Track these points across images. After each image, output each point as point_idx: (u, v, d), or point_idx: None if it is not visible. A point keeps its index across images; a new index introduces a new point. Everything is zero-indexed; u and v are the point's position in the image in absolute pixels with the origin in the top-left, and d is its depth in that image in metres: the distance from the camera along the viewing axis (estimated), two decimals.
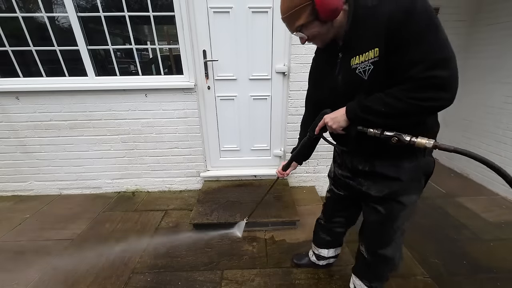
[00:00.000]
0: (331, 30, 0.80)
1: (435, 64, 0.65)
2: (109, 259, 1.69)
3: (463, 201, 2.36)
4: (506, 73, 2.43)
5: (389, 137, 0.76)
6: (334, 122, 0.87)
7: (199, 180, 2.57)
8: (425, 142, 0.71)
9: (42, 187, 2.52)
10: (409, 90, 0.69)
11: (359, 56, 0.76)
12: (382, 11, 0.70)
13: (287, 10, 0.78)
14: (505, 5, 2.43)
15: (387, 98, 0.73)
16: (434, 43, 0.66)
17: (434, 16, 0.67)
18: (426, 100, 0.68)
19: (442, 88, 0.67)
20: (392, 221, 0.98)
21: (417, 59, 0.67)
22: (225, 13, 2.00)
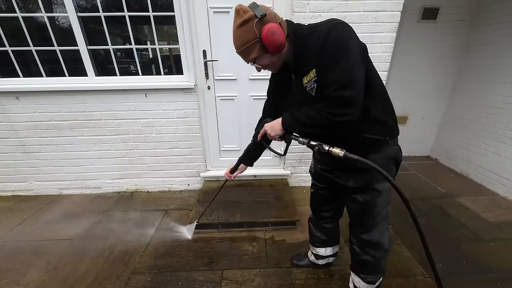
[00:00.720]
0: (281, 58, 0.94)
1: (343, 86, 0.78)
2: (109, 259, 1.69)
3: (463, 201, 2.36)
4: (506, 72, 2.43)
5: (313, 145, 0.89)
6: (272, 130, 1.00)
7: (199, 180, 2.57)
8: (338, 151, 0.83)
9: (42, 187, 2.52)
10: (326, 106, 0.83)
11: (306, 76, 0.89)
12: (315, 36, 0.83)
13: (240, 46, 0.90)
14: (505, 5, 2.43)
15: (311, 112, 0.87)
16: (343, 67, 0.78)
17: (347, 42, 0.78)
18: (337, 115, 0.82)
19: (348, 105, 0.80)
20: (371, 208, 1.07)
21: (331, 80, 0.80)
22: (225, 13, 2.00)
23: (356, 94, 0.79)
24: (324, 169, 1.18)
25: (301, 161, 2.49)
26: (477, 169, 2.75)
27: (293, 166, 2.51)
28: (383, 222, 1.11)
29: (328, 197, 1.30)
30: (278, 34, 0.83)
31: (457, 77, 3.01)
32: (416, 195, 2.46)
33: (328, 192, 1.28)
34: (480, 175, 2.70)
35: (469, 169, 2.85)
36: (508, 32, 2.41)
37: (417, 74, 3.02)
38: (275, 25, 0.83)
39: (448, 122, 3.15)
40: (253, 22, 0.83)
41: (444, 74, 3.02)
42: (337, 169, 1.11)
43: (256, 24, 0.83)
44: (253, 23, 0.83)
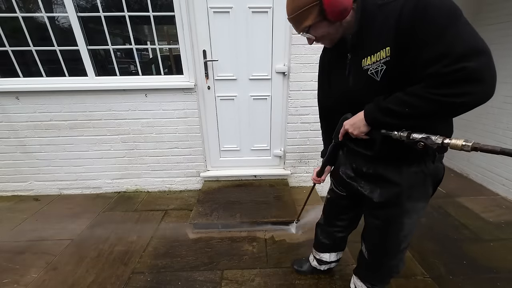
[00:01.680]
0: (340, 29, 0.77)
1: (463, 55, 0.57)
2: (109, 259, 1.69)
3: (463, 201, 2.36)
4: (506, 72, 2.43)
5: (417, 141, 0.68)
6: (354, 128, 0.81)
7: (199, 180, 2.57)
8: (462, 143, 0.61)
9: (42, 187, 2.52)
10: (434, 87, 0.62)
11: (371, 56, 0.72)
12: (393, 7, 0.66)
13: (294, 11, 0.75)
14: (505, 5, 2.43)
15: (409, 98, 0.66)
16: (456, 34, 0.58)
17: (454, 6, 0.60)
18: (454, 95, 0.60)
19: (473, 81, 0.58)
20: (396, 229, 0.92)
21: (439, 54, 0.59)
22: (225, 13, 2.00)
23: (486, 63, 0.57)
24: (348, 175, 1.03)
25: (301, 161, 2.49)
26: (477, 169, 2.75)
27: (293, 166, 2.51)
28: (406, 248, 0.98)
29: (347, 206, 1.15)
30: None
31: None
32: None
33: (349, 201, 1.13)
34: (480, 175, 2.70)
35: (469, 169, 2.85)
36: (508, 32, 2.41)
37: None
38: None
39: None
40: None
41: None
42: (362, 177, 0.96)
43: None
44: None
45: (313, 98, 2.21)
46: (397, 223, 0.91)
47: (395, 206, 0.89)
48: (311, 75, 2.12)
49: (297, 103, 2.23)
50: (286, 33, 2.05)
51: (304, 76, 2.14)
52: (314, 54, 2.04)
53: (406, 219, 0.90)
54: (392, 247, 0.97)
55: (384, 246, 0.99)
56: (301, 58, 2.07)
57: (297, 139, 2.37)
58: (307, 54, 2.05)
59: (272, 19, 2.02)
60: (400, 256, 1.01)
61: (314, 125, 2.30)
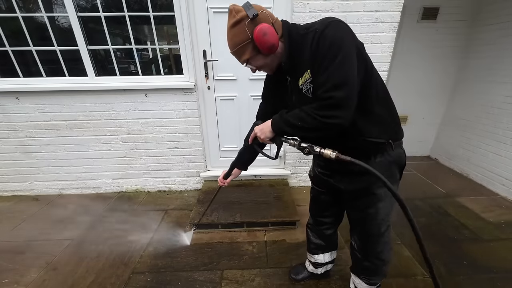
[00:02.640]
0: (275, 59, 0.91)
1: (334, 86, 0.74)
2: (109, 259, 1.69)
3: (463, 201, 2.36)
4: (506, 72, 2.43)
5: (303, 148, 0.88)
6: (262, 133, 0.96)
7: (199, 180, 2.57)
8: (330, 153, 0.81)
9: (42, 187, 2.52)
10: (315, 108, 0.79)
11: (301, 78, 0.86)
12: (307, 38, 0.81)
13: (233, 47, 0.88)
14: (505, 5, 2.43)
15: (301, 114, 0.83)
16: (335, 67, 0.74)
17: (342, 41, 0.75)
18: (327, 117, 0.78)
19: (339, 107, 0.76)
20: (374, 214, 1.02)
21: (322, 81, 0.77)
22: (225, 13, 2.00)
23: (347, 95, 0.75)
24: (324, 173, 1.13)
25: (301, 161, 2.49)
26: (477, 169, 2.75)
27: (293, 166, 2.51)
28: (387, 232, 1.07)
29: (329, 202, 1.25)
30: (269, 35, 0.81)
31: (457, 77, 3.01)
32: (416, 195, 2.46)
33: (329, 197, 1.23)
34: (480, 175, 2.70)
35: (469, 169, 2.85)
36: (508, 32, 2.41)
37: (417, 74, 3.02)
38: (267, 25, 0.81)
39: (448, 122, 3.15)
40: (245, 23, 0.81)
41: (444, 74, 3.02)
42: (337, 173, 1.07)
43: (248, 25, 0.81)
44: (245, 23, 0.81)
45: None
46: (373, 208, 1.01)
47: (369, 194, 1.00)
48: None
49: None
50: None
51: None
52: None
53: (380, 204, 1.00)
54: (373, 231, 1.06)
55: (366, 232, 1.08)
56: None
57: None
58: None
59: None
60: (384, 240, 1.08)
61: None
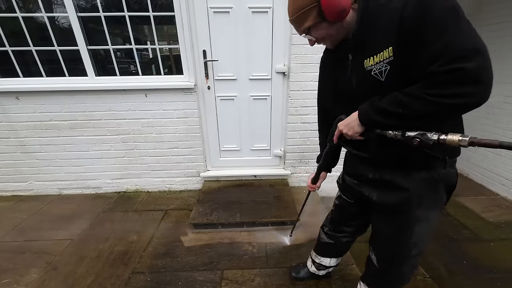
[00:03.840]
0: (340, 30, 0.76)
1: (459, 56, 0.56)
2: (109, 259, 1.69)
3: (463, 201, 2.36)
4: (506, 72, 2.43)
5: (412, 138, 0.67)
6: (348, 129, 0.81)
7: (199, 180, 2.57)
8: (458, 138, 0.58)
9: (42, 187, 2.52)
10: (430, 87, 0.61)
11: (373, 57, 0.71)
12: (394, 6, 0.65)
13: (294, 13, 0.76)
14: (505, 5, 2.43)
15: (404, 98, 0.65)
16: (456, 33, 0.57)
17: (456, 5, 0.59)
18: (450, 96, 0.59)
19: (469, 82, 0.57)
20: (406, 237, 0.89)
21: (437, 52, 0.59)
22: (225, 13, 2.00)
23: (482, 64, 0.56)
24: (355, 182, 1.01)
25: (301, 161, 2.49)
26: (477, 169, 2.75)
27: (293, 166, 2.51)
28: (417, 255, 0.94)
29: (355, 212, 1.12)
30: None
31: None
32: None
33: (356, 208, 1.10)
34: (480, 175, 2.70)
35: (469, 169, 2.85)
36: (508, 32, 2.41)
37: None
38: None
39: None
40: None
41: None
42: (370, 184, 0.94)
43: None
44: None
45: (313, 98, 2.18)
46: (407, 231, 0.88)
47: (405, 213, 0.86)
48: (311, 75, 2.12)
49: (297, 103, 2.23)
50: (286, 33, 2.05)
51: (304, 76, 2.14)
52: (314, 54, 2.04)
53: (416, 227, 0.86)
54: (402, 254, 0.94)
55: (393, 253, 0.96)
56: (301, 58, 2.07)
57: (297, 139, 2.37)
58: (307, 54, 2.05)
59: (272, 19, 2.02)
60: (411, 263, 0.96)
61: (314, 125, 2.30)
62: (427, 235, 0.90)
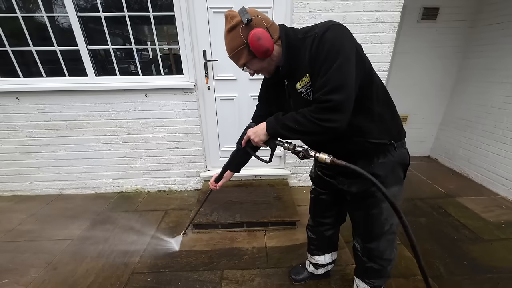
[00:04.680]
0: (271, 63, 0.91)
1: (332, 89, 0.74)
2: (109, 259, 1.69)
3: (463, 201, 2.36)
4: (506, 73, 2.43)
5: (298, 151, 0.88)
6: (255, 136, 0.95)
7: (199, 180, 2.57)
8: (325, 157, 0.81)
9: (42, 187, 2.52)
10: (313, 111, 0.79)
11: (300, 82, 0.86)
12: (306, 42, 0.82)
13: (230, 52, 0.90)
14: (505, 5, 2.43)
15: (297, 117, 0.82)
16: (333, 70, 0.74)
17: (341, 46, 0.75)
18: (324, 120, 0.77)
19: (336, 111, 0.75)
20: (378, 214, 1.02)
21: (320, 84, 0.76)
22: None
23: (344, 99, 0.74)
24: (327, 173, 1.13)
25: (301, 161, 2.49)
26: (477, 169, 2.75)
27: (293, 166, 2.51)
28: (390, 231, 1.06)
29: (330, 202, 1.24)
30: (263, 39, 0.81)
31: (457, 77, 3.01)
32: (416, 195, 2.46)
33: (330, 197, 1.22)
34: (480, 175, 2.70)
35: (469, 169, 2.85)
36: (508, 32, 2.41)
37: (417, 74, 3.01)
38: (261, 30, 0.81)
39: (448, 122, 3.15)
40: (240, 28, 0.82)
41: (444, 74, 3.02)
42: (340, 174, 1.06)
43: (243, 30, 0.82)
44: (239, 29, 0.83)
45: None
46: (377, 208, 1.01)
47: (373, 194, 0.99)
48: None
49: None
50: None
51: None
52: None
53: (384, 204, 0.99)
54: (376, 230, 1.06)
55: (369, 232, 1.08)
56: None
57: None
58: None
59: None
60: (387, 238, 1.07)
61: None
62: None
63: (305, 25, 1.97)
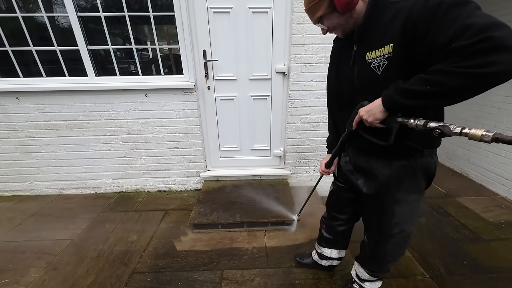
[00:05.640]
0: (350, 20, 0.83)
1: (485, 28, 0.55)
2: (109, 259, 1.69)
3: (463, 201, 2.36)
4: None
5: (433, 128, 0.67)
6: (369, 115, 0.80)
7: (199, 180, 2.57)
8: (482, 133, 0.58)
9: (42, 187, 2.52)
10: (458, 61, 0.59)
11: (375, 51, 0.77)
12: (402, 6, 0.70)
13: (308, 3, 0.84)
14: (505, 4, 2.43)
15: (431, 76, 0.64)
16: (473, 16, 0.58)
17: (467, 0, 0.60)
18: (481, 66, 0.56)
19: (499, 49, 0.55)
20: (388, 217, 1.00)
21: (459, 30, 0.58)
22: (225, 13, 2.00)
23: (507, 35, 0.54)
24: (348, 168, 1.09)
25: (301, 161, 2.49)
26: (477, 169, 2.74)
27: (293, 166, 2.51)
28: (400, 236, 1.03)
29: (348, 199, 1.20)
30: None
31: None
32: None
33: (349, 194, 1.18)
34: (480, 175, 2.70)
35: (469, 169, 2.85)
36: None
37: None
38: None
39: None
40: None
41: None
42: (360, 171, 1.02)
43: None
44: None
45: (313, 98, 2.21)
46: (388, 211, 0.98)
47: (386, 196, 0.96)
48: (311, 75, 2.12)
49: (297, 103, 2.23)
50: (286, 33, 2.05)
51: (304, 76, 2.14)
52: (314, 54, 2.04)
53: (396, 208, 0.97)
54: (385, 232, 1.05)
55: (378, 232, 1.08)
56: (301, 58, 2.07)
57: (297, 139, 2.37)
58: (307, 54, 2.05)
59: (272, 19, 2.02)
60: (394, 241, 1.06)
61: (314, 125, 2.30)
62: (409, 216, 1.01)
63: (305, 25, 1.99)
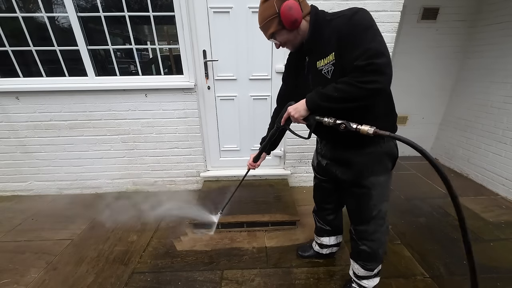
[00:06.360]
0: (297, 36, 0.99)
1: (373, 55, 0.80)
2: (109, 259, 1.69)
3: (463, 201, 2.36)
4: (506, 73, 2.43)
5: (339, 124, 0.89)
6: (296, 112, 1.00)
7: (199, 180, 2.57)
8: (367, 129, 0.83)
9: (42, 187, 2.52)
10: (356, 76, 0.83)
11: (323, 59, 0.94)
12: (335, 23, 0.90)
13: (262, 21, 0.97)
14: (505, 5, 2.43)
15: (338, 85, 0.87)
16: (371, 40, 0.82)
17: (372, 23, 0.85)
18: (368, 82, 0.81)
19: (379, 72, 0.80)
20: (366, 200, 1.12)
21: (359, 52, 0.82)
22: (225, 13, 2.00)
23: (386, 63, 0.80)
24: (325, 162, 1.24)
25: (301, 161, 2.49)
26: (477, 169, 2.75)
27: (293, 166, 2.51)
28: (379, 216, 1.16)
29: (330, 189, 1.36)
30: (294, 10, 0.89)
31: (457, 77, 3.01)
32: (416, 195, 2.46)
33: (330, 185, 1.34)
34: (480, 175, 2.70)
35: (469, 169, 2.85)
36: (508, 32, 2.41)
37: (417, 74, 3.01)
38: (294, 2, 0.89)
39: (448, 122, 3.14)
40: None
41: (444, 74, 3.02)
42: (336, 163, 1.18)
43: (277, 1, 0.90)
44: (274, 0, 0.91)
45: None
46: (366, 195, 1.12)
47: (362, 181, 1.10)
48: None
49: None
50: None
51: None
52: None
53: (373, 191, 1.10)
54: (365, 214, 1.16)
55: (359, 216, 1.20)
56: None
57: (297, 139, 2.37)
58: None
59: None
60: (376, 222, 1.17)
61: None
62: (383, 196, 1.13)
63: None
